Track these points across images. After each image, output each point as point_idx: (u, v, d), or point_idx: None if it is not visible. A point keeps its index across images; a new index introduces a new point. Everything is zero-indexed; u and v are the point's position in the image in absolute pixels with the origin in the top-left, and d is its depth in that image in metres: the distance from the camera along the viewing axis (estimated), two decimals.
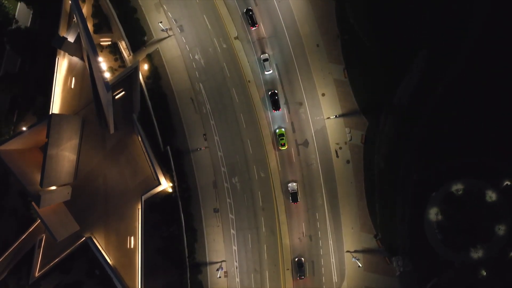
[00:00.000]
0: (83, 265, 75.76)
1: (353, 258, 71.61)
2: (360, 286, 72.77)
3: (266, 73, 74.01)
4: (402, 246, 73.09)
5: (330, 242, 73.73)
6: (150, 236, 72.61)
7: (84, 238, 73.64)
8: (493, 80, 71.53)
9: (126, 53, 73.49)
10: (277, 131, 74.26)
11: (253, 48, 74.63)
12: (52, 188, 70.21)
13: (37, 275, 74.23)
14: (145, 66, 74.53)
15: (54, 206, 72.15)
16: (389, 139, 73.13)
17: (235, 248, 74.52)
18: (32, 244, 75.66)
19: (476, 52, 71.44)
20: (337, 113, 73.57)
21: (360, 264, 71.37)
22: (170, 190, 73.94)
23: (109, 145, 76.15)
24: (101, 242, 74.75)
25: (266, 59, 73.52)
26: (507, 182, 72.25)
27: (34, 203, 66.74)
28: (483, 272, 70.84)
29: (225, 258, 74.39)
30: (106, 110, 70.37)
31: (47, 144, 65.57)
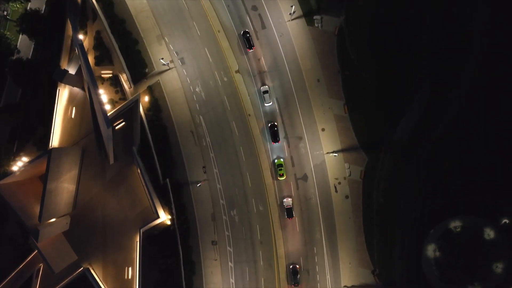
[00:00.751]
0: None
1: None
2: None
3: (266, 105, 74.19)
4: (400, 282, 73.26)
5: (328, 276, 73.77)
6: (148, 268, 72.58)
7: (82, 268, 73.67)
8: (493, 118, 71.77)
9: (127, 85, 73.54)
10: (275, 161, 74.36)
11: (253, 81, 74.76)
12: (51, 220, 70.23)
13: None
14: (146, 98, 74.58)
15: (53, 236, 72.23)
16: (388, 175, 73.29)
17: (232, 281, 74.53)
18: (30, 273, 75.62)
19: (477, 89, 71.71)
20: (336, 148, 73.67)
21: None
22: (168, 223, 73.91)
23: (108, 175, 76.16)
24: (98, 272, 74.74)
25: (266, 91, 73.70)
26: (505, 220, 72.40)
27: (33, 238, 66.68)
28: None
29: None
30: (106, 143, 70.57)
31: (46, 179, 65.57)
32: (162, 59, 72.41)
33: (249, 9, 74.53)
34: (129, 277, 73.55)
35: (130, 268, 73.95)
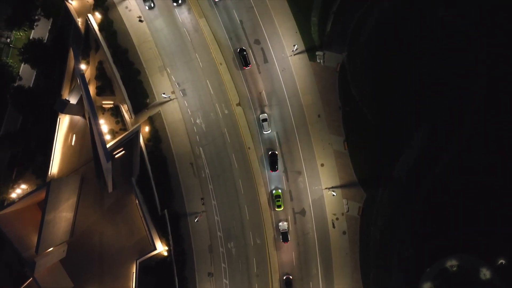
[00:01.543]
0: None
1: None
2: None
3: (265, 133, 74.21)
4: None
5: None
6: None
7: None
8: (493, 159, 71.84)
9: (127, 116, 73.64)
10: (273, 192, 74.43)
11: (254, 114, 74.87)
12: (48, 250, 70.25)
13: None
14: (146, 128, 74.64)
15: (49, 265, 72.23)
16: (385, 212, 73.31)
17: None
18: None
19: (477, 130, 71.84)
20: (335, 184, 73.74)
21: None
22: (165, 254, 73.91)
23: (106, 203, 76.26)
24: None
25: (265, 119, 73.75)
26: (501, 261, 72.50)
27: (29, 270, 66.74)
28: None
29: None
30: (106, 173, 70.62)
31: (44, 211, 65.61)
32: (164, 93, 72.56)
33: (252, 43, 74.68)
34: None
35: None
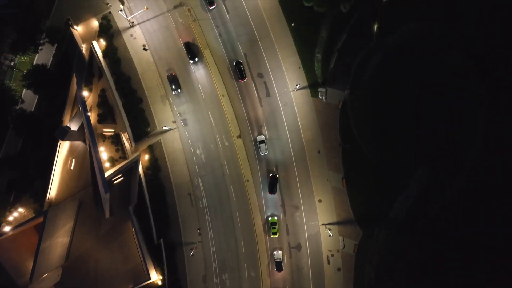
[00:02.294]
0: None
1: None
2: None
3: (262, 154, 74.27)
4: None
5: None
6: None
7: None
8: (491, 202, 71.78)
9: (128, 144, 73.76)
10: (269, 219, 74.52)
11: (254, 148, 75.01)
12: (43, 276, 70.28)
13: None
14: (146, 157, 74.78)
15: None
16: (381, 251, 73.24)
17: None
18: None
19: (477, 173, 71.81)
20: (332, 220, 73.83)
21: None
22: (159, 283, 73.94)
23: (103, 229, 76.33)
24: None
25: (262, 141, 73.82)
26: None
27: None
28: None
29: None
30: (103, 202, 70.64)
31: (40, 240, 65.70)
32: (165, 126, 72.79)
33: (255, 76, 74.84)
34: None
35: None
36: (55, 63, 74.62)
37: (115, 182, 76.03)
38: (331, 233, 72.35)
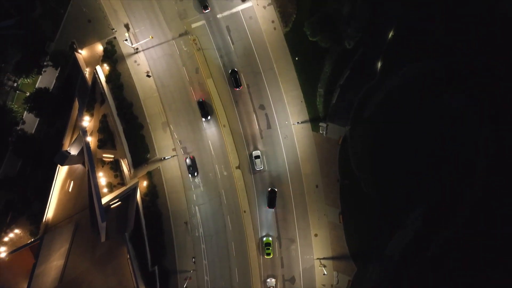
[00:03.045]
0: None
1: None
2: None
3: (257, 169, 74.20)
4: None
5: None
6: None
7: None
8: (488, 245, 71.79)
9: (127, 170, 73.77)
10: (264, 239, 74.55)
11: (253, 181, 75.11)
12: None
13: None
14: (144, 183, 74.84)
15: None
16: None
17: None
18: None
19: (474, 215, 71.84)
20: (327, 255, 74.05)
21: None
22: None
23: (98, 252, 76.19)
24: None
25: (258, 156, 73.82)
26: None
27: None
28: None
29: None
30: (100, 227, 70.64)
31: (35, 265, 65.61)
32: (165, 157, 72.98)
33: (256, 108, 74.93)
34: None
35: None
36: (58, 86, 74.58)
37: (112, 206, 76.06)
38: (325, 271, 72.38)
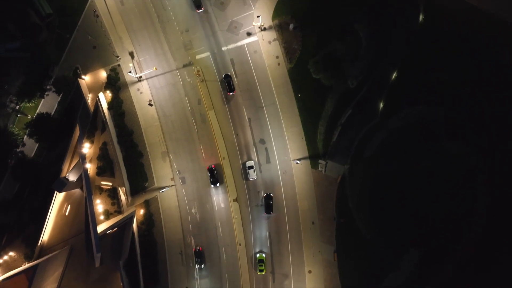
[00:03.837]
0: None
1: None
2: None
3: (250, 179, 74.31)
4: None
5: None
6: None
7: None
8: None
9: (124, 198, 73.85)
10: (257, 255, 74.71)
11: (250, 214, 75.24)
12: None
13: None
14: (141, 211, 74.93)
15: None
16: None
17: None
18: None
19: (468, 261, 71.89)
20: None
21: None
22: None
23: (92, 277, 76.15)
24: None
25: (251, 167, 74.06)
26: None
27: None
28: None
29: None
30: (95, 256, 70.71)
31: None
32: (163, 190, 73.12)
33: (257, 142, 75.10)
34: None
35: None
36: (60, 111, 74.71)
37: (108, 232, 76.17)
38: None
